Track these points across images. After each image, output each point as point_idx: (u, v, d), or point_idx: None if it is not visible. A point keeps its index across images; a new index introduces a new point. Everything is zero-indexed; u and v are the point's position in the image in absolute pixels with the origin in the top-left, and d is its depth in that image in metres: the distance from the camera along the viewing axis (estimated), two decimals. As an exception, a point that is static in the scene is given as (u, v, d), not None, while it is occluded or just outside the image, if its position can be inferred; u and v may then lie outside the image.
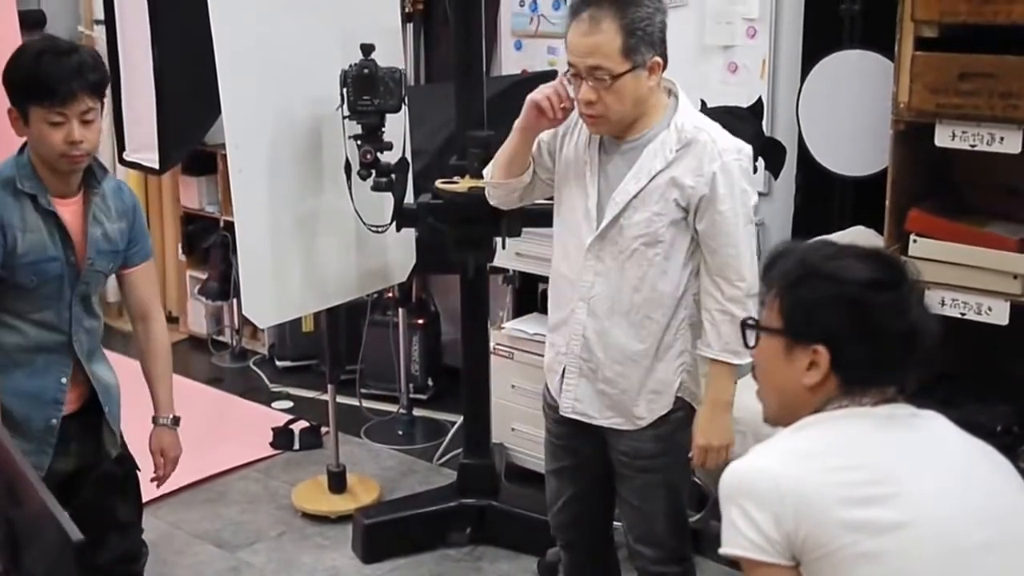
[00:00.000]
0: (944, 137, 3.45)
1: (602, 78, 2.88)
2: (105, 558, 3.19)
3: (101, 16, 5.29)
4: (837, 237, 4.11)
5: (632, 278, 3.02)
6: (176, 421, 3.30)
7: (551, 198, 3.24)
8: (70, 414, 3.09)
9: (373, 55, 3.93)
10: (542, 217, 3.54)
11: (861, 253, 2.14)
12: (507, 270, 4.93)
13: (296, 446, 5.32)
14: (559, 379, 3.18)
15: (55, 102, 2.83)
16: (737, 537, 1.98)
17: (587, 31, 2.88)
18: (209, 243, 6.47)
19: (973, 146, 3.41)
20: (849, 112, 4.25)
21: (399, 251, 4.47)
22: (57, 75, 2.82)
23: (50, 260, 2.94)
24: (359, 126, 3.97)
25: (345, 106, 3.94)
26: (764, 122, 4.51)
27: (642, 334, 3.06)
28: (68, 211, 2.99)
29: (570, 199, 3.11)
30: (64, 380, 3.04)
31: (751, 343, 2.20)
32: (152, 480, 3.32)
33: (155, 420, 3.28)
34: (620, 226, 3.00)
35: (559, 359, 3.17)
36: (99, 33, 6.03)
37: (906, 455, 2.00)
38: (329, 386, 4.85)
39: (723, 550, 2.02)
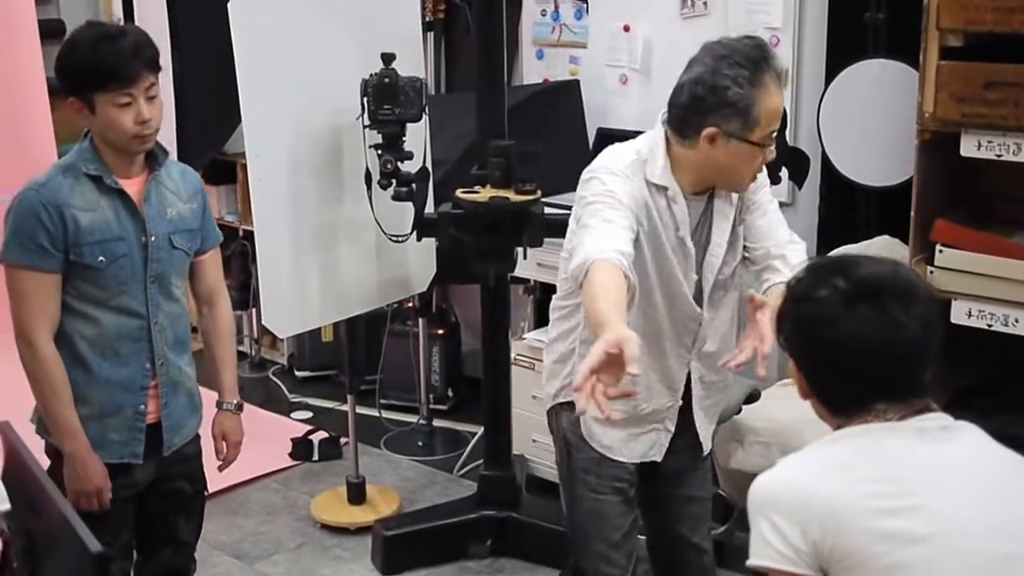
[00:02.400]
0: (970, 147, 3.42)
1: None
2: (152, 570, 3.24)
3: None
4: (862, 247, 4.10)
5: (725, 321, 3.02)
6: (240, 407, 3.34)
7: (570, 208, 3.17)
8: (153, 423, 3.09)
9: (394, 64, 3.91)
10: (564, 227, 3.50)
11: (812, 267, 2.20)
12: (528, 280, 4.91)
13: (315, 457, 5.30)
14: (661, 433, 3.05)
15: (122, 83, 2.86)
16: (765, 548, 2.00)
17: (781, 84, 2.74)
18: (228, 252, 6.45)
19: (999, 156, 3.38)
20: (873, 122, 4.21)
21: (419, 261, 4.46)
22: (119, 58, 2.86)
23: (117, 240, 2.95)
24: (379, 135, 3.96)
25: (365, 115, 3.93)
26: (788, 131, 4.49)
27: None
28: (132, 191, 3.00)
29: (669, 280, 2.90)
30: (148, 366, 3.05)
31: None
32: (218, 467, 3.35)
33: (219, 405, 3.31)
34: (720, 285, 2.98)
35: (655, 415, 3.03)
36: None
37: (933, 468, 2.00)
38: (349, 396, 4.83)
39: (751, 562, 2.03)
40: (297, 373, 6.30)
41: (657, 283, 2.84)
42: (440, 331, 5.66)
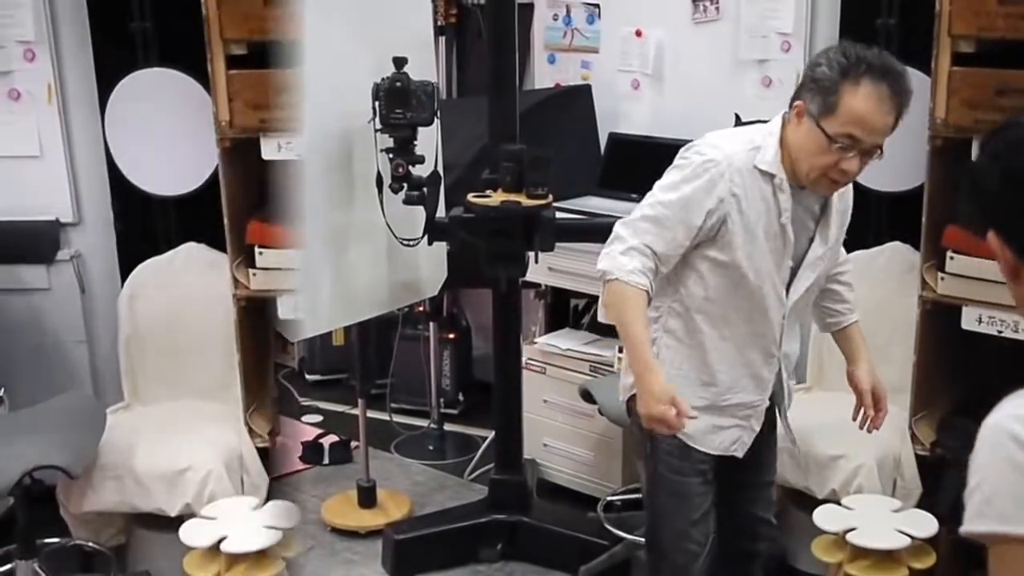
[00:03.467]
0: (982, 153, 3.41)
1: (875, 154, 2.76)
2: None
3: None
4: (874, 253, 4.09)
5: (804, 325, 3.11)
6: None
7: (581, 212, 3.19)
8: None
9: (406, 68, 3.91)
10: (575, 232, 3.52)
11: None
12: (540, 285, 4.91)
13: (326, 460, 5.31)
14: (746, 431, 3.08)
15: None
16: None
17: (890, 110, 2.70)
18: (241, 256, 6.47)
19: (1012, 162, 3.37)
20: (885, 127, 4.20)
21: (431, 265, 4.45)
22: None
23: None
24: (391, 139, 3.95)
25: (377, 119, 3.93)
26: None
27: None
28: None
29: (760, 266, 2.90)
30: None
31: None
32: None
33: None
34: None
35: (740, 409, 3.05)
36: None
37: None
38: (359, 400, 4.83)
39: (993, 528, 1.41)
40: (308, 377, 6.31)
41: (750, 271, 2.87)
42: (451, 335, 5.67)
